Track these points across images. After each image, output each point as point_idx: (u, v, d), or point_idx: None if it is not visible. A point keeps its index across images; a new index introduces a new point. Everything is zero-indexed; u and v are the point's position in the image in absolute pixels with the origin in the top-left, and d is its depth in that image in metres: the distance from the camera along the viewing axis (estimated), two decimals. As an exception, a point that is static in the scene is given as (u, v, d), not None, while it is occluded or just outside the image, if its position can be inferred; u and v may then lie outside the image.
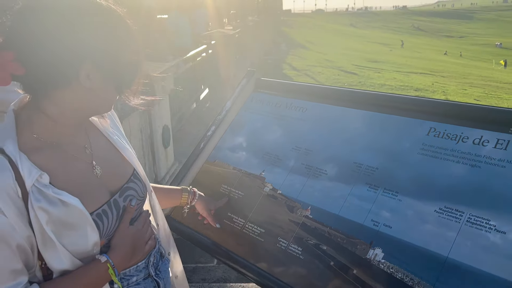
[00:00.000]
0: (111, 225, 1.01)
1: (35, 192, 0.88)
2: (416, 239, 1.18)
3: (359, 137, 1.48)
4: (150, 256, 1.13)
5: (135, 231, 1.06)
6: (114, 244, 1.01)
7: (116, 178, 1.07)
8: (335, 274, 1.25)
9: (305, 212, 1.42)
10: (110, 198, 1.02)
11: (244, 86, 1.91)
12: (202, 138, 1.85)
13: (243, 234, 1.49)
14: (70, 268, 0.93)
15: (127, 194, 1.07)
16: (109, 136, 1.12)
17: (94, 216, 0.96)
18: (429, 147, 1.32)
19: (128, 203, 1.06)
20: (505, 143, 1.19)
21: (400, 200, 1.27)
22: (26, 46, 0.86)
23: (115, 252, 1.00)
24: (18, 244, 0.86)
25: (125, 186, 1.07)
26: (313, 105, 1.68)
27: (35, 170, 0.89)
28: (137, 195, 1.10)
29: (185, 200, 1.50)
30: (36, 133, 0.93)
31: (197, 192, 1.53)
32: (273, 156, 1.63)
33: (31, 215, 0.87)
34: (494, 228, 1.08)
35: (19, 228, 0.86)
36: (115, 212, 1.02)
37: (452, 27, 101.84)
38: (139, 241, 1.07)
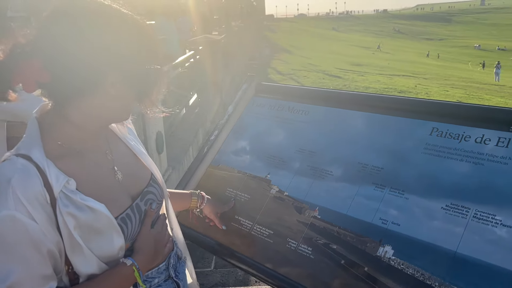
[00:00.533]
0: (134, 228, 1.03)
1: (63, 198, 0.89)
2: (425, 235, 1.22)
3: (363, 138, 1.52)
4: (170, 258, 1.15)
5: (156, 234, 1.08)
6: (138, 247, 1.03)
7: (136, 182, 1.09)
8: (347, 272, 1.28)
9: (313, 212, 1.45)
10: (133, 203, 1.04)
11: (245, 90, 1.94)
12: (205, 142, 1.87)
13: (252, 236, 1.52)
14: (97, 272, 0.95)
15: (148, 198, 1.10)
16: (127, 142, 1.14)
17: (119, 221, 0.98)
18: (433, 147, 1.36)
19: (149, 207, 1.09)
20: (506, 141, 1.24)
21: (407, 198, 1.31)
22: (53, 54, 0.87)
23: (139, 255, 1.02)
24: (48, 250, 0.88)
25: (145, 190, 1.10)
26: (315, 108, 1.72)
27: (62, 176, 0.90)
28: (156, 199, 1.13)
29: (195, 203, 1.53)
30: (60, 140, 0.95)
31: (205, 196, 1.56)
32: (277, 158, 1.66)
33: (59, 221, 0.89)
34: (500, 223, 1.13)
35: (49, 234, 0.87)
36: (138, 216, 1.04)
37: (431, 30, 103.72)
38: (160, 243, 1.09)
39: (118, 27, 0.91)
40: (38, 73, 0.87)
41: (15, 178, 0.86)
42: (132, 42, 0.93)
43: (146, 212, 1.08)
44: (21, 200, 0.85)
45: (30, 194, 0.86)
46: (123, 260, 0.99)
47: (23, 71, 0.88)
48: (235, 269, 3.43)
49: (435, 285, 1.13)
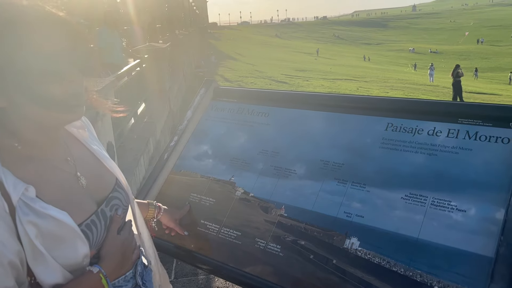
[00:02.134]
0: (100, 235, 1.00)
1: (22, 206, 0.86)
2: (388, 225, 1.28)
3: (323, 136, 1.58)
4: (137, 265, 1.13)
5: (123, 240, 1.05)
6: (104, 254, 1.00)
7: (100, 188, 1.07)
8: (316, 266, 1.32)
9: (279, 211, 1.48)
10: (97, 208, 1.02)
11: (203, 95, 1.94)
12: (165, 149, 1.85)
13: (219, 239, 1.52)
14: (62, 282, 0.91)
15: (113, 203, 1.07)
16: (89, 146, 1.11)
17: (84, 227, 0.95)
18: (389, 141, 1.44)
19: (115, 213, 1.06)
20: (455, 132, 1.34)
21: (368, 191, 1.37)
22: None
23: (106, 262, 0.99)
24: (9, 261, 0.83)
25: (110, 196, 1.07)
26: (275, 110, 1.76)
27: (20, 183, 0.87)
28: (122, 204, 1.10)
29: (152, 214, 1.50)
30: (15, 146, 0.91)
31: (162, 206, 1.53)
32: (240, 161, 1.68)
33: (20, 230, 0.85)
34: (455, 208, 1.21)
35: (8, 244, 0.84)
36: (103, 222, 1.02)
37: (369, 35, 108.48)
38: (127, 250, 1.07)
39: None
40: None
41: None
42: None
43: (112, 218, 1.05)
44: None
45: None
46: (89, 268, 0.96)
47: None
48: (195, 278, 3.39)
49: (400, 271, 1.19)
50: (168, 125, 8.71)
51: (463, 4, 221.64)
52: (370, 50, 74.66)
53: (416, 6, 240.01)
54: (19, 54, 0.84)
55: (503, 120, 1.27)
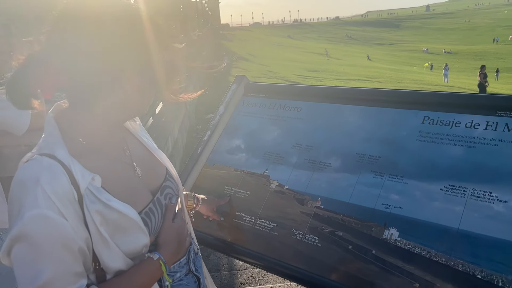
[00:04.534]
0: (157, 222, 1.04)
1: (89, 194, 0.90)
2: (428, 216, 1.30)
3: (358, 130, 1.59)
4: (190, 252, 1.16)
5: (178, 228, 1.09)
6: (162, 241, 1.04)
7: (154, 177, 1.11)
8: (355, 256, 1.33)
9: (315, 203, 1.50)
10: (154, 197, 1.06)
11: (234, 90, 1.97)
12: (199, 143, 1.88)
13: (256, 230, 1.54)
14: (124, 268, 0.95)
15: (166, 192, 1.11)
16: (140, 138, 1.15)
17: (143, 215, 0.99)
18: (426, 134, 1.45)
19: (169, 201, 1.10)
20: (494, 124, 1.34)
21: (406, 183, 1.39)
22: (66, 57, 0.87)
23: (164, 249, 1.03)
24: (79, 247, 0.87)
25: (164, 185, 1.11)
26: (307, 105, 1.78)
27: (87, 173, 0.91)
28: (174, 193, 1.14)
29: (191, 205, 1.54)
30: (81, 138, 0.95)
31: (199, 197, 1.57)
32: (274, 154, 1.70)
33: (87, 217, 0.89)
34: (496, 199, 1.22)
35: (78, 231, 0.87)
36: (160, 210, 1.06)
37: (382, 35, 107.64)
38: (181, 237, 1.10)
39: (125, 22, 0.92)
40: (55, 78, 0.88)
41: (43, 177, 0.85)
42: (141, 36, 0.94)
43: (167, 206, 1.09)
44: (52, 198, 0.84)
45: (60, 192, 0.86)
46: (149, 254, 1.00)
47: (41, 77, 0.88)
48: (219, 273, 3.42)
49: (442, 261, 1.21)
50: (185, 125, 8.77)
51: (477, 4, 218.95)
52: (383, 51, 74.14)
53: (429, 6, 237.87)
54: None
55: (544, 112, 1.27)
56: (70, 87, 0.92)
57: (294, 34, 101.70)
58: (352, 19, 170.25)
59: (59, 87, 0.92)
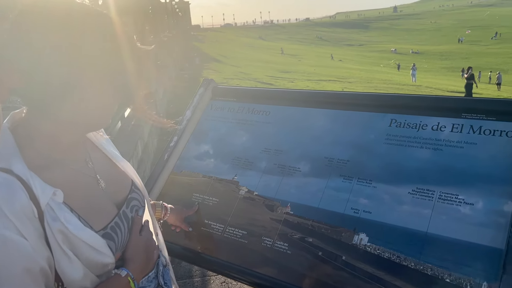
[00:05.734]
0: (124, 237, 1.00)
1: (50, 211, 0.84)
2: (396, 220, 1.29)
3: (326, 134, 1.58)
4: (158, 265, 1.11)
5: (146, 240, 1.04)
6: (130, 256, 0.99)
7: (119, 189, 1.05)
8: (325, 263, 1.31)
9: (285, 209, 1.47)
10: (119, 211, 1.01)
11: (202, 94, 1.92)
12: (165, 149, 1.83)
13: (225, 238, 1.51)
14: (89, 286, 0.90)
15: (133, 204, 1.06)
16: (103, 148, 1.09)
17: (109, 230, 0.94)
18: (393, 137, 1.45)
19: (135, 214, 1.05)
20: (459, 126, 1.35)
21: (375, 187, 1.38)
22: (23, 57, 0.81)
23: (132, 264, 0.98)
24: (41, 268, 0.81)
25: (130, 197, 1.06)
26: (276, 108, 1.75)
27: (48, 187, 0.85)
28: (140, 204, 1.09)
29: (159, 215, 1.49)
30: (40, 150, 0.89)
31: (168, 206, 1.52)
32: (243, 160, 1.67)
33: (48, 235, 0.83)
34: (463, 201, 1.23)
35: (39, 250, 0.81)
36: (126, 223, 1.01)
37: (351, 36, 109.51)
38: (149, 250, 1.06)
39: (87, 25, 0.87)
40: (10, 79, 0.81)
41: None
42: (104, 40, 0.89)
43: (133, 219, 1.04)
44: (9, 216, 0.78)
45: (18, 209, 0.79)
46: (117, 271, 0.95)
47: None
48: (191, 280, 3.36)
49: (411, 265, 1.20)
50: (156, 128, 8.63)
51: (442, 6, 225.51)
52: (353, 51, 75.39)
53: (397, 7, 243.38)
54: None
55: (507, 114, 1.29)
56: (25, 90, 0.85)
57: (265, 35, 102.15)
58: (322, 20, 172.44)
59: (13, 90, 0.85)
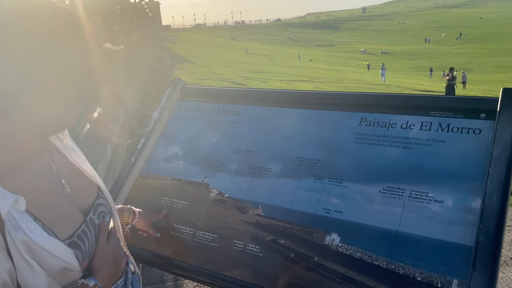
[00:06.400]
0: (91, 245, 0.95)
1: (12, 220, 0.78)
2: (367, 219, 1.28)
3: (297, 133, 1.56)
4: (127, 272, 1.06)
5: (113, 248, 0.99)
6: (97, 264, 0.94)
7: (85, 195, 1.00)
8: (297, 265, 1.29)
9: (256, 211, 1.45)
10: (86, 218, 0.95)
11: (170, 95, 1.87)
12: (132, 152, 1.77)
13: (195, 242, 1.47)
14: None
15: (100, 210, 1.02)
16: (67, 152, 1.03)
17: (75, 238, 0.89)
18: (363, 136, 1.44)
19: (102, 220, 1.00)
20: (428, 124, 1.36)
21: (346, 186, 1.37)
22: None
23: (100, 273, 0.93)
24: (3, 281, 0.76)
25: (96, 203, 1.01)
26: (246, 108, 1.72)
27: (9, 194, 0.79)
28: (107, 210, 1.04)
29: (126, 220, 1.43)
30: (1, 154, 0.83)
31: (136, 210, 1.47)
32: (213, 161, 1.63)
33: (10, 245, 0.77)
34: (433, 199, 1.23)
35: (0, 262, 0.76)
36: (93, 231, 0.96)
37: (322, 37, 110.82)
38: (118, 258, 1.01)
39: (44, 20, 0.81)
40: None
41: None
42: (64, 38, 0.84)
43: (100, 226, 0.99)
44: None
45: None
46: (84, 281, 0.90)
47: None
48: (163, 285, 3.29)
49: (383, 265, 1.19)
50: (126, 129, 8.46)
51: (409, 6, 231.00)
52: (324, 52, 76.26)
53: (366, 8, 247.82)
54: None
55: (474, 112, 1.30)
56: None
57: (237, 35, 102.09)
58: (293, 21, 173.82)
59: None
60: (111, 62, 9.53)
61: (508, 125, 1.20)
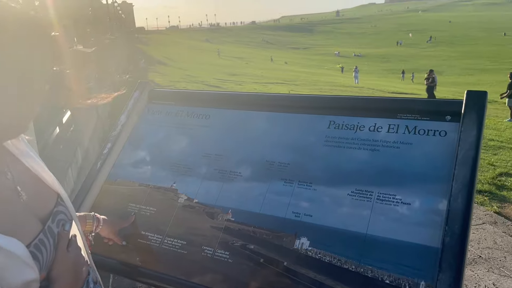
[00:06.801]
0: (49, 255, 0.89)
1: None
2: (336, 222, 1.28)
3: (267, 137, 1.54)
4: (88, 283, 1.02)
5: (74, 257, 0.94)
6: (56, 275, 0.89)
7: (43, 203, 0.95)
8: (267, 270, 1.28)
9: (226, 216, 1.42)
10: (44, 226, 0.90)
11: (137, 98, 1.83)
12: (98, 157, 1.72)
13: (163, 250, 1.43)
14: None
15: (59, 218, 0.96)
16: (25, 159, 0.98)
17: (32, 248, 0.83)
18: (332, 138, 1.44)
19: (62, 228, 0.95)
20: (395, 127, 1.37)
21: (315, 189, 1.36)
22: None
23: (59, 284, 0.88)
24: None
25: (55, 210, 0.96)
26: (216, 111, 1.70)
27: None
28: (67, 218, 0.99)
29: (90, 227, 1.38)
30: None
31: (100, 217, 1.42)
32: (182, 166, 1.60)
33: None
34: (400, 201, 1.23)
35: None
36: (51, 240, 0.90)
37: (296, 40, 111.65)
38: (78, 267, 0.96)
39: None
40: None
41: None
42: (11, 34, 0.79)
43: (59, 234, 0.94)
44: None
45: None
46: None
47: None
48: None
49: (352, 268, 1.19)
50: (97, 133, 8.29)
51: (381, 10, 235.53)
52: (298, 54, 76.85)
53: (339, 12, 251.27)
54: None
55: (440, 114, 1.32)
56: None
57: (212, 38, 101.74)
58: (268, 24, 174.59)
59: None
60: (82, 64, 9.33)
61: (472, 127, 1.22)
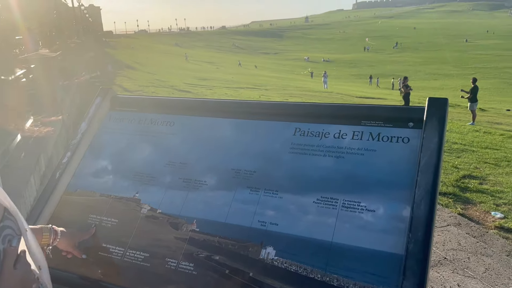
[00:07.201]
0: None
1: None
2: (302, 230, 1.26)
3: (233, 144, 1.52)
4: None
5: (22, 274, 0.88)
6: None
7: None
8: (233, 281, 1.25)
9: (190, 226, 1.38)
10: None
11: (99, 104, 1.77)
12: (57, 166, 1.65)
13: (125, 263, 1.38)
14: None
15: (5, 234, 0.90)
16: None
17: None
18: (298, 146, 1.43)
19: (8, 244, 0.89)
20: (359, 134, 1.37)
21: (281, 197, 1.34)
22: None
23: None
24: None
25: (1, 226, 0.90)
26: (180, 118, 1.66)
27: None
28: (15, 233, 0.93)
29: (46, 240, 1.32)
30: None
31: (58, 230, 1.36)
32: (145, 175, 1.55)
33: None
34: (365, 209, 1.23)
35: None
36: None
37: (267, 45, 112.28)
38: (27, 285, 0.90)
39: None
40: None
41: None
42: None
43: (6, 251, 0.88)
44: None
45: None
46: None
47: None
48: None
49: (318, 277, 1.18)
50: (62, 139, 8.03)
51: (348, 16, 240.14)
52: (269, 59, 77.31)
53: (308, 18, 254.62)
54: None
55: (403, 121, 1.33)
56: None
57: (181, 42, 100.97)
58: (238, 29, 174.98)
59: None
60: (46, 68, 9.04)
61: (434, 134, 1.24)
